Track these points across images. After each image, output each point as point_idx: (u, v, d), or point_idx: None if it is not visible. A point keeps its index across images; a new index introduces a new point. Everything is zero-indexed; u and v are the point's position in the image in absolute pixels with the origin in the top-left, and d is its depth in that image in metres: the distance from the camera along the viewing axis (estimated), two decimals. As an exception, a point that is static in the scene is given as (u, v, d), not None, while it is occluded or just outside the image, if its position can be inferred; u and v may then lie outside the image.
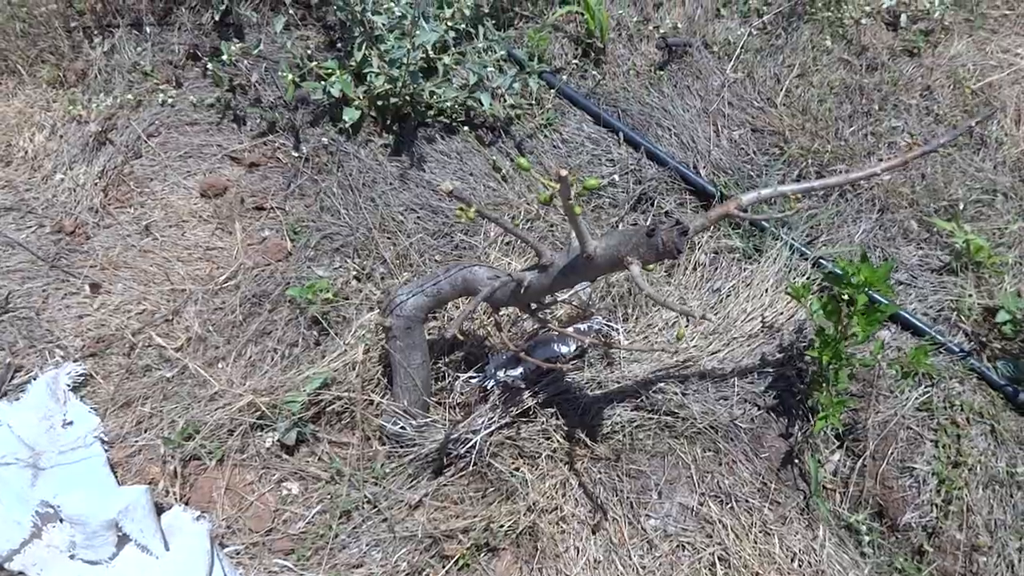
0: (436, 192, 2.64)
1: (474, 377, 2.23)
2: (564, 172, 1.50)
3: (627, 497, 2.16)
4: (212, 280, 2.48)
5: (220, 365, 2.32)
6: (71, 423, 2.18)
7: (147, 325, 2.38)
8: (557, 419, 2.23)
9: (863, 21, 3.05)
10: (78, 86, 2.86)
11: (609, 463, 2.21)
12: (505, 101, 2.79)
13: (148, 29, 2.93)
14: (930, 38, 3.09)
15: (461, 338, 1.67)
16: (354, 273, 2.47)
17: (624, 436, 2.23)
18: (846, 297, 2.06)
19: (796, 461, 2.25)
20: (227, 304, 2.43)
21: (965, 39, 3.10)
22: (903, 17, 3.07)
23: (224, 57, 2.78)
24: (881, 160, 2.66)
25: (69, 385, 2.23)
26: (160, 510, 2.03)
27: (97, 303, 2.43)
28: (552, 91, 2.86)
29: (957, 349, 2.38)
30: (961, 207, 2.64)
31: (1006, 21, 3.23)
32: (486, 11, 2.95)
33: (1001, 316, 2.33)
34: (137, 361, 2.32)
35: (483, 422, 2.12)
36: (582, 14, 2.94)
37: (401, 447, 2.15)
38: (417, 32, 2.56)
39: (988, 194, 2.70)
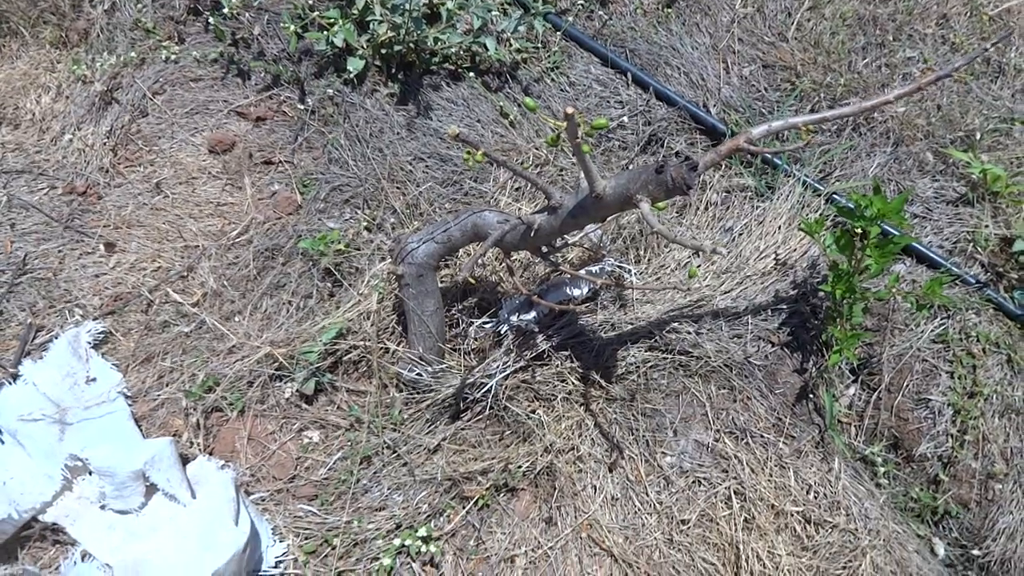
0: (444, 140, 2.62)
1: (488, 322, 2.24)
2: (571, 110, 1.49)
3: (643, 436, 2.18)
4: (224, 235, 2.49)
5: (236, 319, 2.35)
6: (94, 379, 2.22)
7: (163, 282, 2.40)
8: (571, 362, 2.24)
9: (876, -52, 2.96)
10: (81, 46, 2.85)
11: (624, 403, 2.23)
12: (511, 45, 2.75)
13: (148, -15, 2.90)
14: (946, -36, 3.00)
15: (473, 282, 1.68)
16: (365, 224, 2.47)
17: (639, 376, 2.25)
18: (860, 231, 2.04)
19: (811, 396, 2.26)
20: (240, 259, 2.44)
21: (983, -37, 3.01)
22: (918, -58, 2.98)
23: (225, 10, 2.75)
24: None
25: (90, 343, 2.27)
26: (185, 461, 2.07)
27: (113, 262, 2.45)
28: (558, 33, 2.81)
29: (973, 280, 2.36)
30: (978, 137, 2.59)
31: (1025, -57, 3.12)
32: (488, -47, 2.89)
33: (1018, 245, 2.31)
34: (155, 317, 2.35)
35: (498, 366, 2.14)
36: (587, -48, 2.87)
37: (418, 393, 2.18)
38: (418, -24, 2.51)
39: (1006, 123, 2.64)
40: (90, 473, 2.03)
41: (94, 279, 2.42)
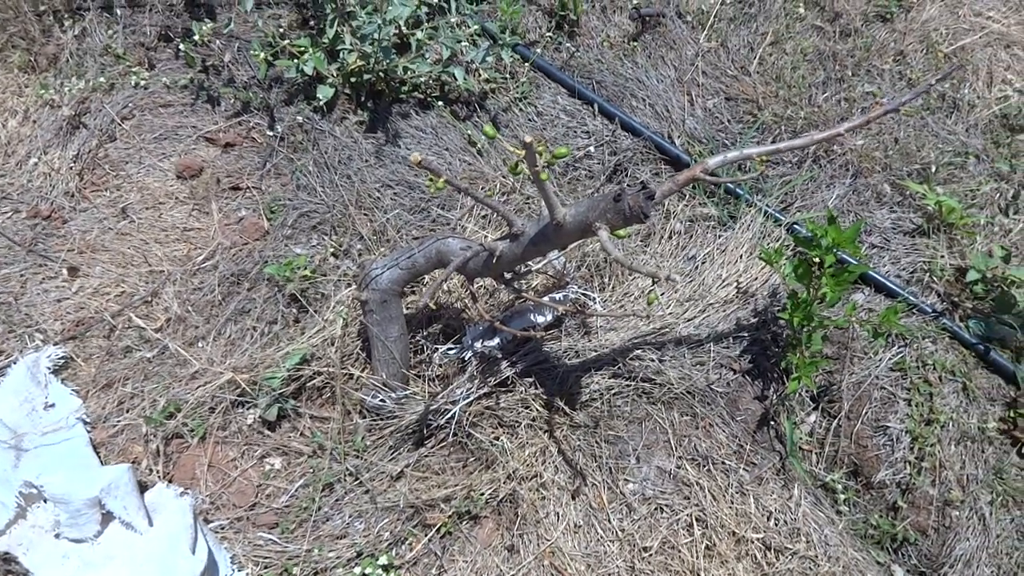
0: (412, 167, 2.65)
1: (452, 349, 2.25)
2: (529, 139, 1.52)
3: (606, 463, 2.19)
4: (190, 260, 2.49)
5: (200, 344, 2.34)
6: (53, 405, 2.19)
7: (126, 307, 2.39)
8: (536, 388, 2.25)
9: (836, -13, 3.05)
10: (50, 70, 2.85)
11: (588, 430, 2.24)
12: (480, 75, 2.80)
13: (119, 11, 2.91)
14: (903, 3, 3.09)
15: (434, 307, 1.69)
16: (332, 250, 2.48)
17: (602, 403, 2.26)
18: (817, 260, 2.08)
19: (772, 423, 2.28)
20: (205, 284, 2.44)
21: (937, 3, 3.11)
22: (875, -18, 3.08)
23: (196, 38, 2.77)
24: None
25: (50, 368, 2.24)
26: (143, 488, 2.05)
27: (75, 286, 2.43)
28: (526, 64, 2.86)
29: (930, 309, 2.41)
30: (933, 170, 2.66)
31: (978, -16, 3.24)
32: (459, -15, 2.94)
33: (971, 276, 2.36)
34: (117, 343, 2.33)
35: (462, 393, 2.15)
36: (555, -14, 2.94)
37: (381, 420, 2.17)
38: (388, 7, 2.55)
39: (960, 156, 2.72)
40: (45, 501, 2.00)
41: (56, 304, 2.40)
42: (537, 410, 2.23)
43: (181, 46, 2.80)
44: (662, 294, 2.40)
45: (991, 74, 2.96)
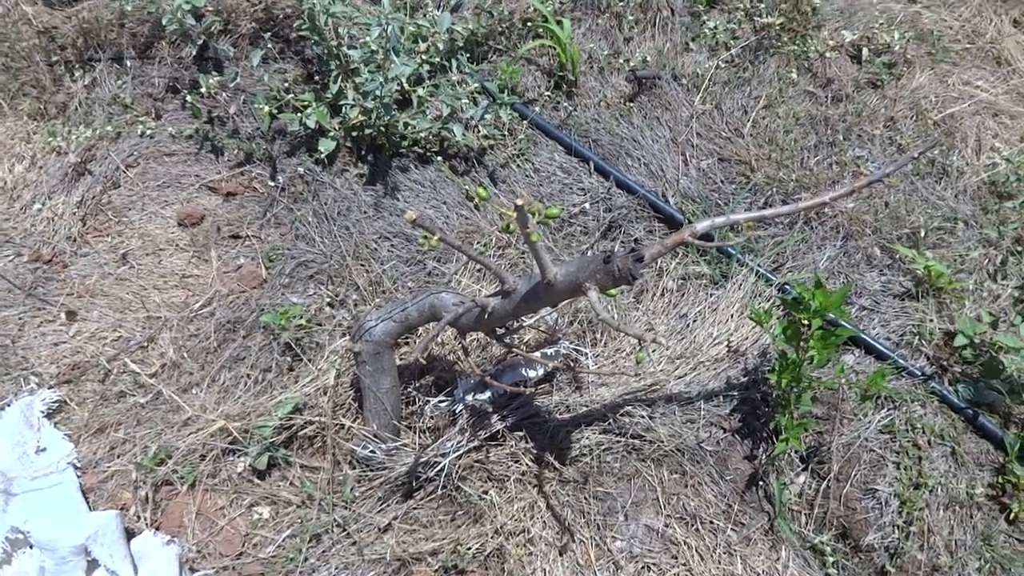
0: (420, 214, 2.69)
1: (443, 401, 2.26)
2: (520, 201, 1.56)
3: (594, 519, 2.19)
4: (187, 307, 2.52)
5: (194, 391, 2.35)
6: (44, 449, 2.20)
7: (122, 352, 2.41)
8: (526, 442, 2.26)
9: (828, 55, 3.14)
10: (59, 118, 2.92)
11: (577, 486, 2.24)
12: (479, 132, 2.86)
13: (129, 63, 3.00)
14: (893, 71, 3.18)
15: (424, 362, 1.71)
16: (328, 300, 2.51)
17: (592, 459, 2.27)
18: (806, 322, 2.11)
19: (761, 483, 2.29)
20: (202, 331, 2.46)
21: (927, 71, 3.20)
22: (865, 51, 3.16)
23: (203, 90, 2.84)
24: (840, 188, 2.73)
25: (43, 412, 2.25)
26: (131, 535, 2.04)
27: (73, 330, 2.46)
28: (525, 122, 2.93)
29: (919, 373, 2.43)
30: (923, 234, 2.71)
31: (967, 55, 3.33)
32: (460, 45, 3.03)
33: (959, 340, 2.39)
34: (111, 387, 2.35)
35: (452, 445, 2.16)
36: (554, 48, 3.02)
37: (371, 471, 2.18)
38: (390, 66, 2.63)
39: (949, 222, 2.77)
40: (31, 547, 2.00)
41: (53, 347, 2.42)
42: (527, 464, 2.24)
43: (188, 97, 2.87)
44: (653, 351, 2.43)
45: (979, 141, 3.03)
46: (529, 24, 3.14)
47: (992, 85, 3.23)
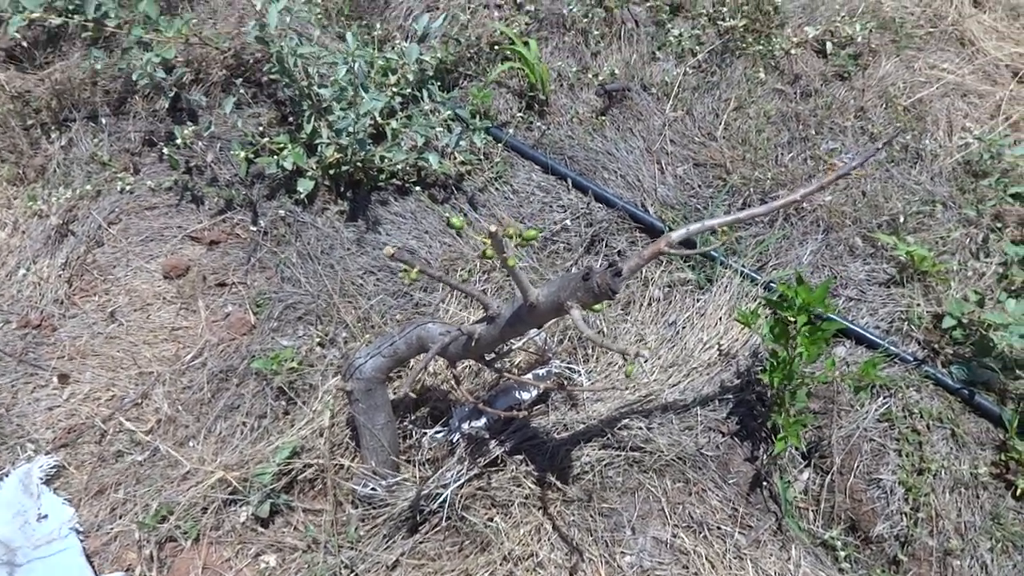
0: (398, 249, 2.70)
1: (440, 432, 2.26)
2: (494, 228, 1.57)
3: (601, 536, 2.18)
4: (179, 360, 2.52)
5: (191, 444, 2.35)
6: (46, 516, 2.19)
7: (117, 411, 2.41)
8: (526, 465, 2.26)
9: (793, 51, 3.16)
10: (38, 181, 2.93)
11: (581, 504, 2.23)
12: (455, 159, 2.88)
13: (104, 120, 3.02)
14: (859, 61, 3.21)
15: (414, 396, 1.72)
16: (318, 340, 2.52)
17: (594, 475, 2.27)
18: (792, 319, 2.12)
19: (765, 483, 2.28)
20: (195, 382, 2.46)
21: (893, 59, 3.23)
22: (829, 45, 3.19)
23: (178, 141, 2.86)
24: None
25: (42, 478, 2.25)
26: (138, 595, 2.04)
27: (66, 393, 2.46)
28: (500, 145, 2.94)
29: (911, 358, 2.44)
30: (902, 220, 2.72)
31: (930, 39, 3.36)
32: (430, 74, 3.05)
33: (947, 322, 2.40)
34: (108, 448, 2.35)
35: (452, 476, 2.15)
36: (523, 69, 3.04)
37: (374, 508, 2.17)
38: (361, 102, 2.65)
39: (928, 205, 2.78)
40: (39, 616, 1.99)
41: (47, 412, 2.42)
42: (529, 487, 2.23)
43: (165, 149, 2.89)
44: (646, 362, 2.43)
45: (950, 123, 3.06)
46: (497, 47, 3.17)
47: (958, 66, 3.26)
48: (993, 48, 3.35)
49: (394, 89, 2.93)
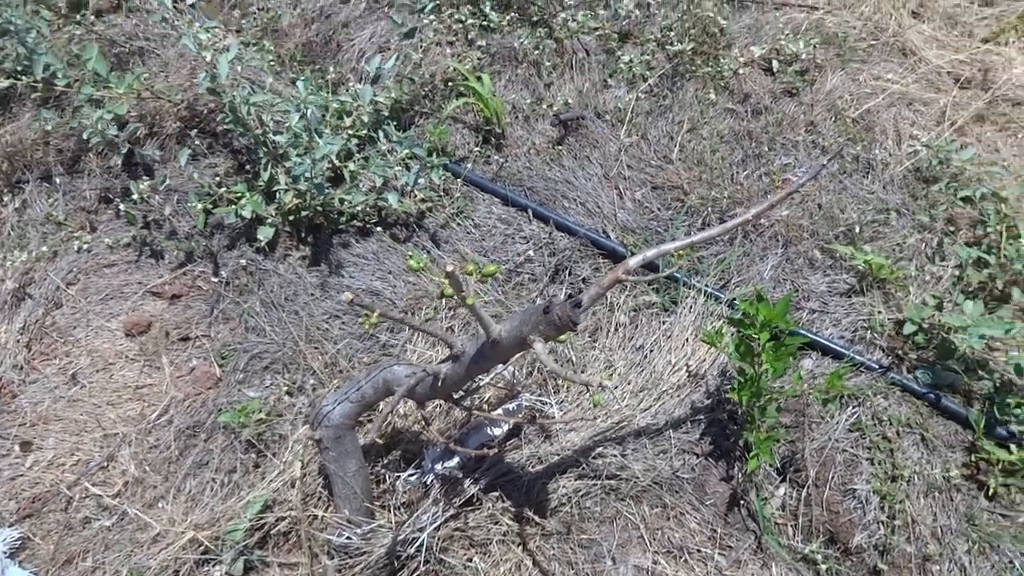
0: (356, 295, 2.69)
1: (413, 474, 2.24)
2: (451, 267, 1.57)
3: (583, 569, 2.16)
4: (144, 419, 2.48)
5: (160, 504, 2.30)
6: (12, 591, 2.13)
7: (82, 476, 2.36)
8: (503, 501, 2.24)
9: (741, 71, 3.22)
10: (-8, 246, 2.89)
11: (560, 537, 2.22)
12: (415, 196, 2.89)
13: (58, 180, 2.99)
14: (806, 77, 3.28)
15: (380, 442, 1.70)
16: (285, 388, 2.49)
17: (572, 507, 2.25)
18: (756, 336, 2.13)
19: (742, 502, 2.28)
20: (161, 441, 2.42)
21: (838, 72, 3.30)
22: (775, 63, 3.26)
23: (135, 196, 2.84)
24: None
25: (6, 552, 2.19)
26: (112, 666, 1.98)
27: (29, 461, 2.40)
28: (459, 180, 2.96)
29: (876, 366, 2.46)
30: (858, 230, 2.76)
31: (873, 51, 3.44)
32: (386, 115, 3.07)
33: (908, 328, 2.43)
34: (75, 514, 2.29)
35: (428, 518, 2.13)
36: (477, 104, 3.07)
37: (350, 558, 2.14)
38: (316, 147, 2.65)
39: (882, 213, 2.83)
40: None
41: (10, 482, 2.37)
42: (507, 524, 2.21)
43: (121, 206, 2.87)
44: (615, 388, 2.43)
45: (899, 132, 3.12)
46: (451, 84, 3.20)
47: (901, 76, 3.33)
48: (934, 56, 3.43)
49: (350, 131, 2.94)
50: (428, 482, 2.20)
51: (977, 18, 3.67)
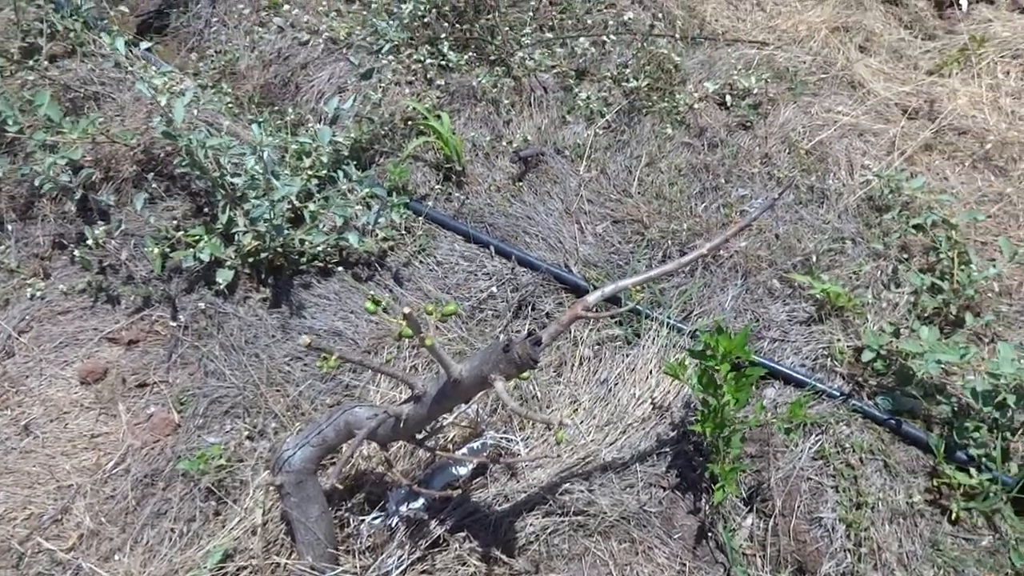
0: (319, 335, 2.67)
1: (377, 517, 2.20)
2: (407, 310, 1.56)
3: (552, 608, 2.14)
4: (100, 469, 2.41)
5: (117, 557, 2.23)
6: (-41, 654, 2.04)
7: (34, 530, 2.28)
8: (470, 542, 2.21)
9: (696, 106, 3.29)
10: (-59, 296, 2.82)
11: (529, 576, 2.19)
12: (377, 236, 2.88)
13: (10, 227, 2.93)
14: (759, 110, 3.35)
15: (340, 487, 1.67)
16: (246, 433, 2.44)
17: (540, 545, 2.23)
18: (717, 368, 2.15)
19: (710, 534, 2.28)
20: (118, 491, 2.36)
21: (791, 106, 3.38)
22: (729, 97, 3.33)
23: (90, 241, 2.80)
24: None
25: (-47, 613, 2.10)
26: None
27: (-21, 517, 2.32)
28: (420, 218, 2.96)
29: (838, 393, 2.49)
30: (815, 259, 2.81)
31: (823, 84, 3.54)
32: (346, 154, 3.07)
33: (867, 355, 2.47)
34: (27, 571, 2.21)
35: (393, 562, 2.09)
36: (437, 142, 3.09)
37: (314, 606, 2.09)
38: (274, 188, 2.64)
39: (837, 242, 2.89)
40: None
41: (-42, 540, 2.28)
42: (474, 565, 2.18)
43: (76, 251, 2.82)
44: (580, 422, 2.42)
45: (851, 162, 3.19)
46: (411, 122, 3.22)
47: (851, 108, 3.42)
48: (882, 89, 3.53)
49: (310, 172, 2.94)
50: (393, 525, 2.16)
51: (921, 51, 3.79)
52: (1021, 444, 2.38)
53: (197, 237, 2.77)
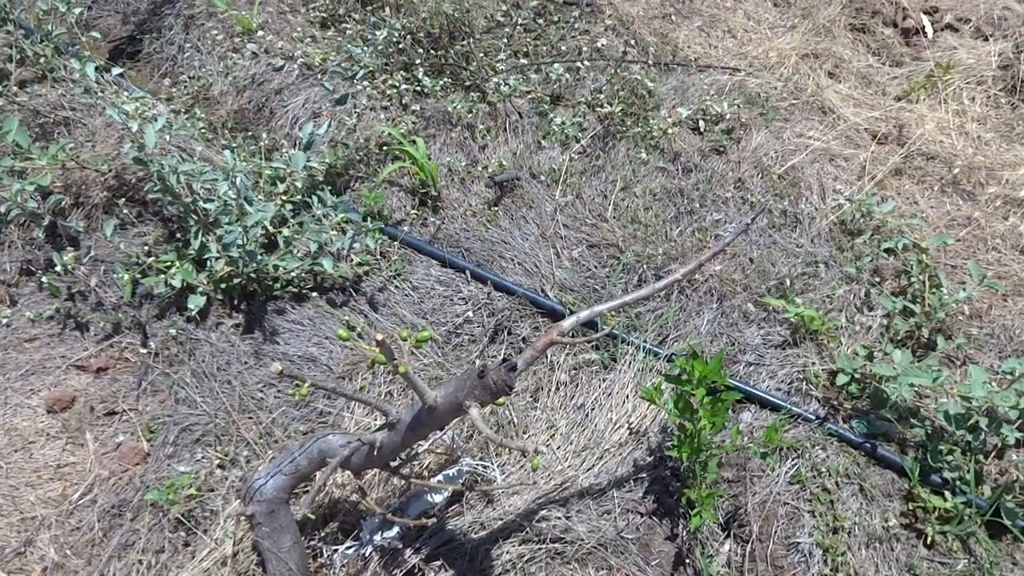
0: (293, 361, 2.64)
1: (351, 547, 2.16)
2: (380, 336, 1.55)
3: (529, 638, 2.10)
4: (66, 500, 2.35)
5: (81, 592, 2.17)
6: None
7: (-4, 565, 2.21)
8: (445, 571, 2.17)
9: (670, 131, 3.32)
10: (-97, 323, 2.75)
11: (506, 606, 2.16)
12: (351, 261, 2.86)
13: (-25, 254, 2.88)
14: (732, 135, 3.39)
15: (312, 518, 1.64)
16: (217, 462, 2.40)
17: (516, 573, 2.20)
18: (692, 393, 2.15)
19: (688, 560, 2.26)
20: (84, 522, 2.30)
21: (763, 131, 3.42)
22: (702, 123, 3.37)
23: (58, 267, 2.75)
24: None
25: (-91, 653, 2.03)
26: None
27: (-62, 552, 2.25)
28: (396, 243, 2.94)
29: (813, 417, 2.50)
30: (789, 283, 2.83)
31: (794, 109, 3.59)
32: (320, 180, 3.06)
33: (841, 378, 2.48)
34: (-12, 608, 2.15)
35: (367, 593, 2.05)
36: (413, 167, 3.08)
37: (286, 639, 2.04)
38: (247, 214, 2.62)
39: (811, 266, 2.91)
40: None
41: (-84, 576, 2.21)
42: (450, 595, 2.15)
43: (44, 278, 2.77)
44: (557, 448, 2.41)
45: (823, 186, 3.24)
46: (386, 148, 3.21)
47: (822, 133, 3.48)
48: (851, 114, 3.60)
49: (283, 197, 2.92)
50: (367, 554, 2.12)
51: (888, 77, 3.87)
52: (994, 467, 2.39)
53: (169, 263, 2.74)
